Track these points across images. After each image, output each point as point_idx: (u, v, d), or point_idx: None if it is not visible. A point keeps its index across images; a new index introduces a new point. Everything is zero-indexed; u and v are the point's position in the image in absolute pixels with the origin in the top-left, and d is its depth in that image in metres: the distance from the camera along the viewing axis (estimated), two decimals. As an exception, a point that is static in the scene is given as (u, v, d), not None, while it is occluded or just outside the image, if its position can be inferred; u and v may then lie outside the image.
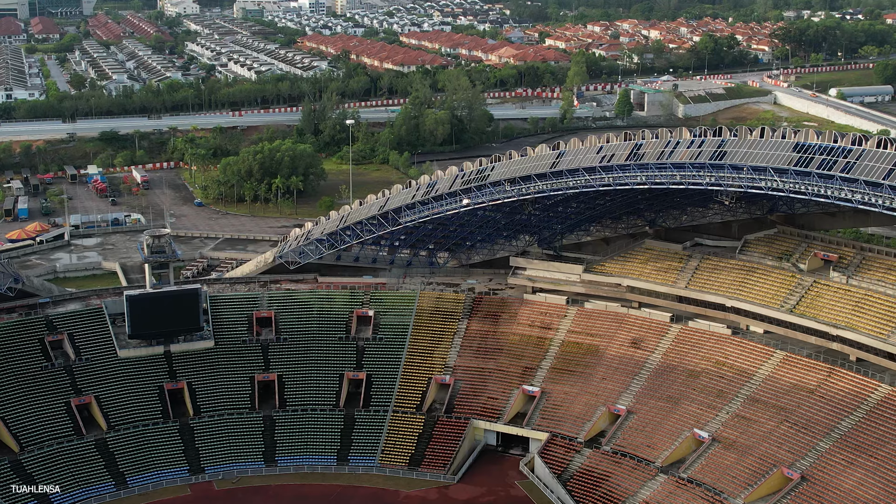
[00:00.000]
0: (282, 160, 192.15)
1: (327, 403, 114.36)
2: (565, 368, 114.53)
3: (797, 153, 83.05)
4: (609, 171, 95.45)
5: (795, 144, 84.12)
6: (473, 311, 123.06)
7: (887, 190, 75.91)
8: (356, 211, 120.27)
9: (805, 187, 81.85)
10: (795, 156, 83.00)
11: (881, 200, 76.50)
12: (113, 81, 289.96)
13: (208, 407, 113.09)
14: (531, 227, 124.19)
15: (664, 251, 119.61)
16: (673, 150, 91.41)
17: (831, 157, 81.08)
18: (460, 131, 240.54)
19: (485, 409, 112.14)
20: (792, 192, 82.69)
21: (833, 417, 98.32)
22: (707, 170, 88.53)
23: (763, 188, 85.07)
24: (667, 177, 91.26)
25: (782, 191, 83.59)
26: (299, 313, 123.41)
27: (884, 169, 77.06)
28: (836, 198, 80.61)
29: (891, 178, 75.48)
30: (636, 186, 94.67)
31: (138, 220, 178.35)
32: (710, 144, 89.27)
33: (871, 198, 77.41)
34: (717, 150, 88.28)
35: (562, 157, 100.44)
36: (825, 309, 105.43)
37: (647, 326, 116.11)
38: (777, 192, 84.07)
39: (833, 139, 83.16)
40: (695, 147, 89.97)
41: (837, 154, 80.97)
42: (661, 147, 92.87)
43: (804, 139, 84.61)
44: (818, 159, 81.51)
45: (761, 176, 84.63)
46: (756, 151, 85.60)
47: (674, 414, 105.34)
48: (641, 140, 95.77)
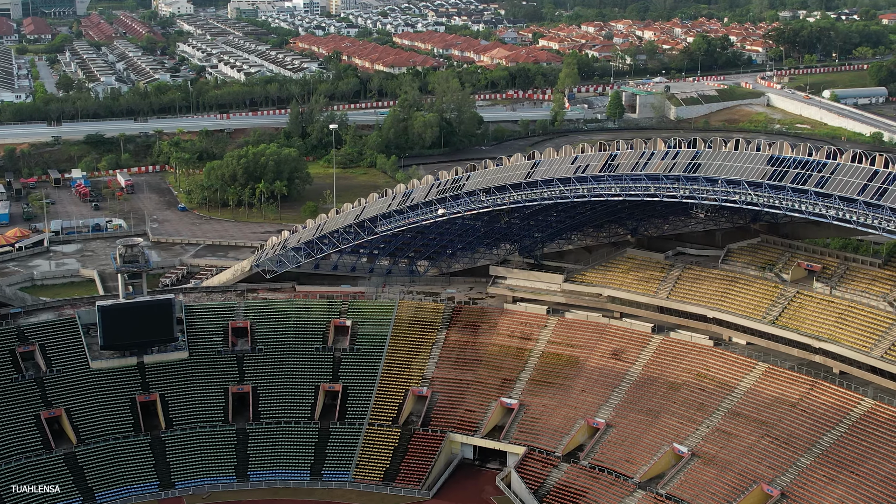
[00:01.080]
0: (266, 164, 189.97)
1: (302, 416, 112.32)
2: (544, 380, 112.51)
3: (771, 166, 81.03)
4: (584, 183, 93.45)
5: (770, 157, 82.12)
6: (453, 321, 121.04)
7: (861, 206, 73.94)
8: (332, 220, 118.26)
9: (779, 202, 79.87)
10: (770, 169, 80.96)
11: (855, 217, 74.53)
12: (100, 83, 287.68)
13: (181, 420, 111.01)
14: (512, 235, 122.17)
15: (646, 260, 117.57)
16: (647, 161, 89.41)
17: (806, 170, 79.06)
18: (449, 134, 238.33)
19: (462, 422, 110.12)
20: (766, 206, 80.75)
21: (815, 432, 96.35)
22: (682, 182, 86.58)
23: (738, 202, 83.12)
24: (641, 189, 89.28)
25: (757, 205, 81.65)
26: (276, 323, 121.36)
27: (858, 184, 75.03)
28: (811, 213, 78.66)
29: (865, 193, 73.52)
30: (611, 198, 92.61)
31: (119, 225, 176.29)
32: (684, 156, 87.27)
33: (845, 213, 75.45)
34: (691, 163, 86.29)
35: (537, 167, 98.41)
36: (808, 321, 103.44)
37: (628, 337, 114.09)
38: (752, 206, 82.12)
39: (808, 152, 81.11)
40: (669, 158, 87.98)
41: (812, 168, 78.94)
42: (635, 158, 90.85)
43: (779, 152, 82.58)
44: (792, 173, 79.48)
45: (736, 189, 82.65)
46: (730, 164, 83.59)
47: (653, 428, 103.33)
48: (616, 151, 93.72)
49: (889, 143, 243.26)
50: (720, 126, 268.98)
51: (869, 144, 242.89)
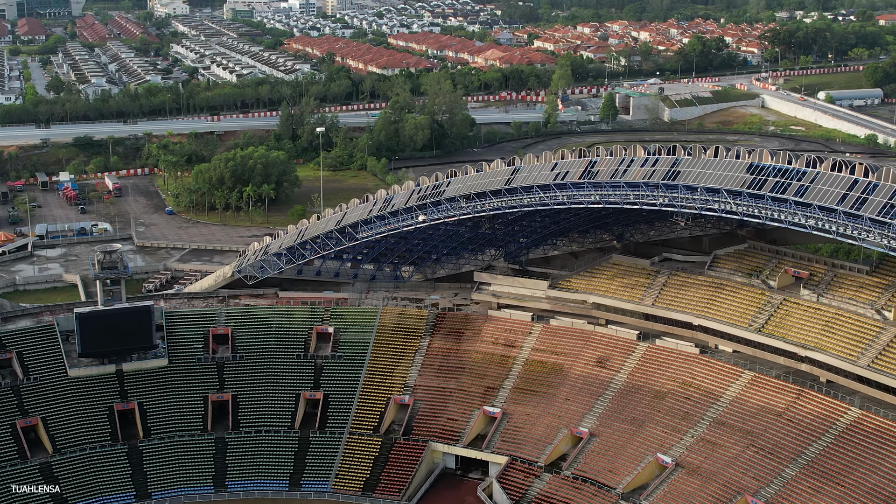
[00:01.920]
0: (254, 167, 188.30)
1: (282, 425, 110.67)
2: (528, 388, 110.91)
3: (751, 174, 79.40)
4: (563, 189, 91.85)
5: (749, 165, 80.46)
6: (436, 328, 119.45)
7: (841, 216, 72.34)
8: (314, 226, 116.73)
9: (759, 210, 78.29)
10: (749, 177, 79.34)
11: (835, 227, 72.97)
12: (91, 85, 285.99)
13: (159, 429, 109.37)
14: (497, 240, 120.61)
15: (632, 266, 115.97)
16: (627, 168, 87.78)
17: (785, 179, 77.41)
18: (441, 136, 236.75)
19: (444, 431, 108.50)
20: (746, 215, 79.15)
21: (800, 442, 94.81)
22: (661, 190, 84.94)
23: (717, 210, 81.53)
24: (621, 196, 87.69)
25: (736, 213, 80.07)
26: (257, 330, 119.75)
27: (837, 194, 73.44)
28: (791, 223, 77.05)
29: (844, 203, 71.91)
30: (590, 205, 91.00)
31: (105, 229, 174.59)
32: (663, 163, 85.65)
33: (825, 223, 73.85)
34: (670, 170, 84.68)
35: (517, 173, 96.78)
36: (794, 328, 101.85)
37: (613, 344, 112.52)
38: (731, 214, 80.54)
39: (787, 160, 79.42)
40: (648, 166, 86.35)
41: (791, 176, 77.30)
42: (615, 165, 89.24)
43: (758, 159, 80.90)
44: (772, 181, 77.85)
45: (715, 198, 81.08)
46: (709, 172, 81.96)
47: (637, 437, 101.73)
48: (596, 157, 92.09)
49: (884, 145, 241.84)
50: (714, 128, 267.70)
51: (863, 146, 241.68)
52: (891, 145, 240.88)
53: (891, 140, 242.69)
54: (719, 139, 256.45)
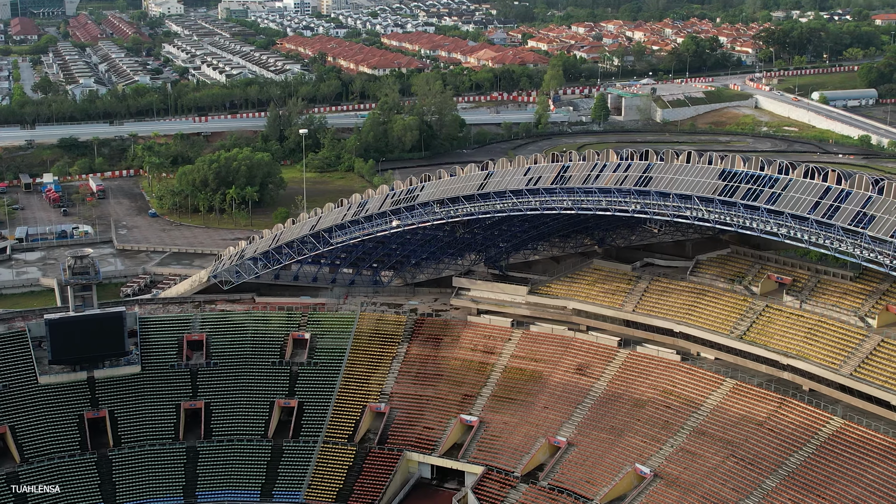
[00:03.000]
0: (238, 169, 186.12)
1: (255, 433, 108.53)
2: (506, 396, 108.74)
3: (723, 181, 77.27)
4: (536, 195, 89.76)
5: (722, 171, 78.30)
6: (414, 334, 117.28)
7: (813, 225, 70.19)
8: (289, 230, 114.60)
9: (731, 218, 76.17)
10: (721, 184, 77.20)
11: (807, 236, 70.85)
12: (79, 85, 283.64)
13: (129, 437, 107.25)
14: (476, 245, 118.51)
15: (613, 272, 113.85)
16: (599, 173, 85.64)
17: (757, 186, 75.26)
18: (430, 137, 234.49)
19: (419, 440, 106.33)
20: (718, 223, 77.02)
21: (781, 452, 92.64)
22: (633, 196, 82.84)
23: (689, 217, 79.43)
24: (593, 202, 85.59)
25: (708, 221, 77.92)
26: (232, 336, 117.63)
27: (810, 201, 71.32)
28: (763, 231, 74.93)
29: (816, 211, 69.76)
30: (563, 211, 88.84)
31: (86, 232, 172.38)
32: (635, 169, 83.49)
33: (797, 232, 71.73)
34: (642, 176, 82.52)
35: (490, 178, 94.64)
36: (776, 336, 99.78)
37: (593, 351, 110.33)
38: (703, 222, 78.41)
39: (760, 167, 77.25)
40: (620, 171, 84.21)
41: (763, 183, 75.17)
42: (587, 170, 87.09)
43: (731, 165, 78.72)
44: (744, 188, 75.73)
45: (687, 204, 78.95)
46: (681, 178, 79.80)
47: (616, 447, 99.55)
48: (569, 162, 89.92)
49: (877, 146, 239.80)
50: (707, 129, 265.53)
51: (857, 147, 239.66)
52: (884, 146, 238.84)
53: (884, 141, 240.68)
54: (712, 140, 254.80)
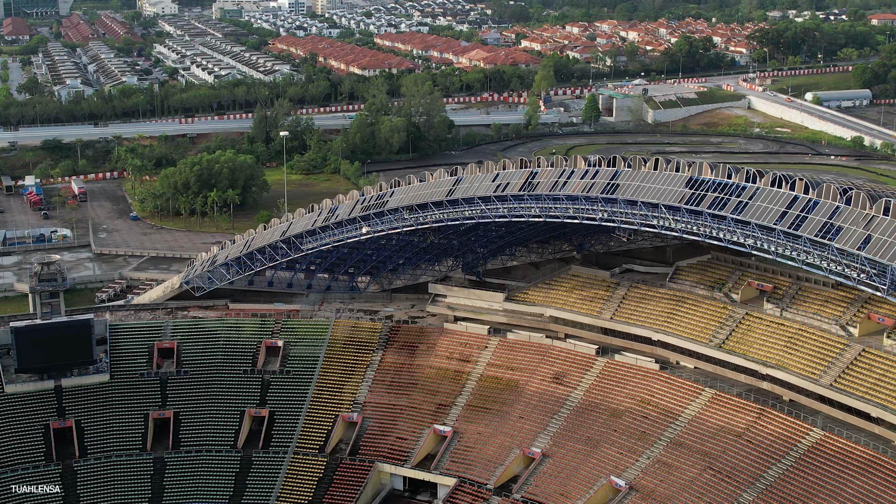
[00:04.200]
0: (220, 172, 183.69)
1: (224, 444, 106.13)
2: (481, 406, 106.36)
3: (690, 189, 74.85)
4: (504, 202, 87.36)
5: (689, 179, 75.88)
6: (390, 342, 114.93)
7: (780, 235, 67.77)
8: (260, 236, 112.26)
9: (698, 228, 73.75)
10: (688, 192, 74.78)
11: (773, 247, 68.42)
12: (65, 86, 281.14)
13: (96, 448, 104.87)
14: (453, 250, 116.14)
15: (591, 278, 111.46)
16: (567, 180, 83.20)
17: (724, 194, 72.83)
18: (418, 139, 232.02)
19: (392, 451, 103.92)
20: (685, 232, 74.60)
21: (759, 465, 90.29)
22: (601, 204, 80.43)
23: (656, 226, 77.00)
24: (561, 210, 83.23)
25: (675, 230, 75.50)
26: (204, 344, 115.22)
27: (776, 211, 68.87)
28: (730, 241, 72.51)
29: (783, 221, 67.32)
30: (531, 219, 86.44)
31: (65, 236, 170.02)
32: (602, 175, 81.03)
33: (763, 243, 69.29)
34: (609, 183, 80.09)
35: (458, 184, 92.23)
36: (756, 345, 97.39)
37: (571, 360, 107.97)
38: (670, 231, 75.98)
39: (727, 174, 74.83)
40: (588, 178, 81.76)
41: (730, 192, 72.74)
42: (554, 177, 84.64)
43: (698, 173, 76.31)
44: (710, 197, 73.28)
45: (654, 213, 76.53)
46: (648, 185, 77.38)
47: (592, 458, 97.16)
48: (537, 168, 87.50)
49: (870, 147, 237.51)
50: (698, 129, 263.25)
51: (849, 148, 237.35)
52: (877, 148, 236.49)
53: (877, 142, 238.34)
54: (703, 141, 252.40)
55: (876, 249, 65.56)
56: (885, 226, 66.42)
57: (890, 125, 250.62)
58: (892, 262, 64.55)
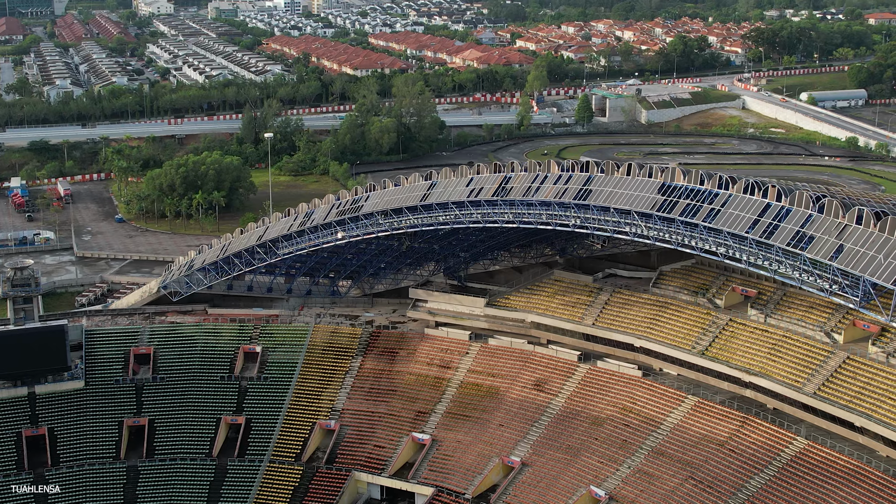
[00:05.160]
0: (206, 174, 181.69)
1: (199, 452, 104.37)
2: (461, 413, 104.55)
3: (662, 195, 72.95)
4: (478, 207, 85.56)
5: (661, 185, 73.97)
6: (369, 347, 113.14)
7: (751, 244, 65.86)
8: (237, 240, 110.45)
9: (670, 235, 71.84)
10: (660, 198, 72.87)
11: (745, 255, 66.53)
12: (54, 87, 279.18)
13: (68, 456, 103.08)
14: (435, 254, 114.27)
15: (573, 283, 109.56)
16: (540, 185, 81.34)
17: (696, 201, 70.92)
18: (408, 140, 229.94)
19: (369, 459, 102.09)
20: (658, 240, 72.69)
21: (742, 475, 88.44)
22: (573, 210, 78.54)
23: (629, 234, 75.11)
24: (534, 216, 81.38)
25: (647, 238, 73.58)
26: (181, 349, 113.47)
27: (748, 219, 66.95)
28: (702, 249, 70.61)
29: (755, 230, 65.40)
30: (505, 225, 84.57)
31: (48, 238, 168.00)
32: (575, 181, 79.14)
33: (735, 251, 67.39)
34: (582, 188, 78.19)
35: (433, 188, 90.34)
36: (739, 352, 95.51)
37: (552, 366, 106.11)
38: (643, 238, 74.08)
39: (699, 180, 72.88)
40: (561, 183, 79.85)
41: (702, 199, 70.81)
42: (528, 182, 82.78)
43: (670, 179, 74.37)
44: (682, 204, 71.39)
45: (626, 219, 74.67)
46: (621, 191, 75.45)
47: (572, 467, 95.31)
48: (511, 173, 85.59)
49: (864, 147, 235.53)
50: (692, 130, 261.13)
51: (844, 149, 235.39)
52: (871, 148, 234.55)
53: (872, 143, 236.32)
54: (696, 142, 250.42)
55: (848, 260, 63.67)
56: (857, 235, 64.58)
57: (885, 125, 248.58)
58: (864, 273, 62.67)
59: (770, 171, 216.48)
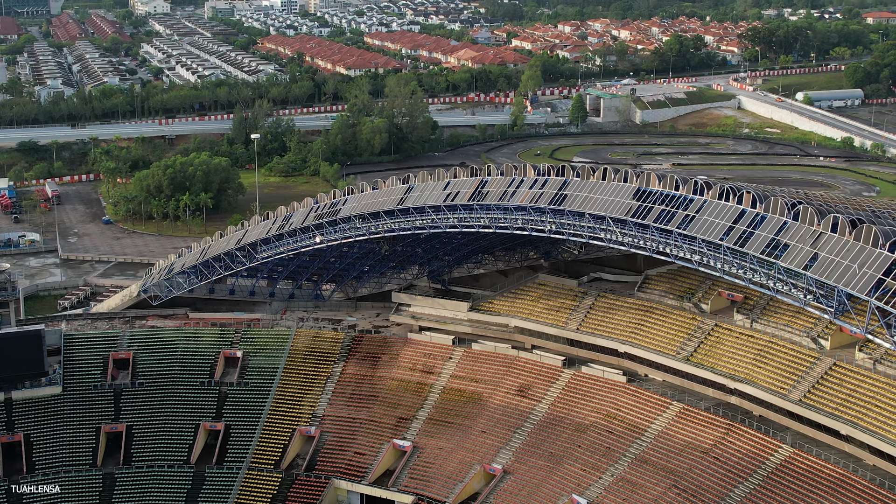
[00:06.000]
0: (194, 175, 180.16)
1: (178, 459, 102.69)
2: (443, 419, 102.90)
3: (637, 201, 71.23)
4: (454, 211, 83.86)
5: (637, 190, 72.23)
6: (352, 352, 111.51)
7: (726, 252, 64.16)
8: (216, 244, 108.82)
9: (645, 242, 70.14)
10: (635, 204, 71.17)
11: (720, 263, 64.81)
12: (46, 87, 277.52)
13: (44, 463, 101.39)
14: (418, 258, 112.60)
15: (558, 287, 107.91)
16: (516, 189, 79.67)
17: (671, 207, 69.20)
18: (400, 140, 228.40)
19: (349, 467, 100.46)
20: (633, 246, 71.00)
21: (726, 483, 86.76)
22: (548, 215, 76.86)
23: (605, 240, 73.42)
24: (510, 221, 79.73)
25: (623, 244, 71.90)
26: (161, 354, 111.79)
27: (723, 226, 65.25)
28: (677, 257, 68.94)
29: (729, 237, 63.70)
30: (482, 230, 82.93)
31: (33, 241, 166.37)
32: (551, 185, 77.41)
33: (710, 259, 65.70)
34: (557, 193, 76.45)
35: (410, 192, 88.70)
36: (724, 357, 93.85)
37: (536, 371, 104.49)
38: (618, 245, 72.39)
39: (674, 185, 71.17)
40: (536, 188, 78.17)
41: (677, 204, 69.10)
42: (504, 186, 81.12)
43: (645, 184, 72.66)
44: (657, 210, 69.68)
45: (601, 225, 73.01)
46: (596, 196, 73.76)
47: (554, 475, 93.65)
48: (487, 177, 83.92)
49: (860, 148, 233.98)
50: (687, 130, 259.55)
51: (839, 149, 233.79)
52: (867, 148, 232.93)
53: (867, 143, 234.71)
54: (691, 142, 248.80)
55: (822, 269, 61.97)
56: (832, 244, 62.84)
57: (881, 125, 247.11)
58: (839, 283, 60.97)
59: (764, 171, 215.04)
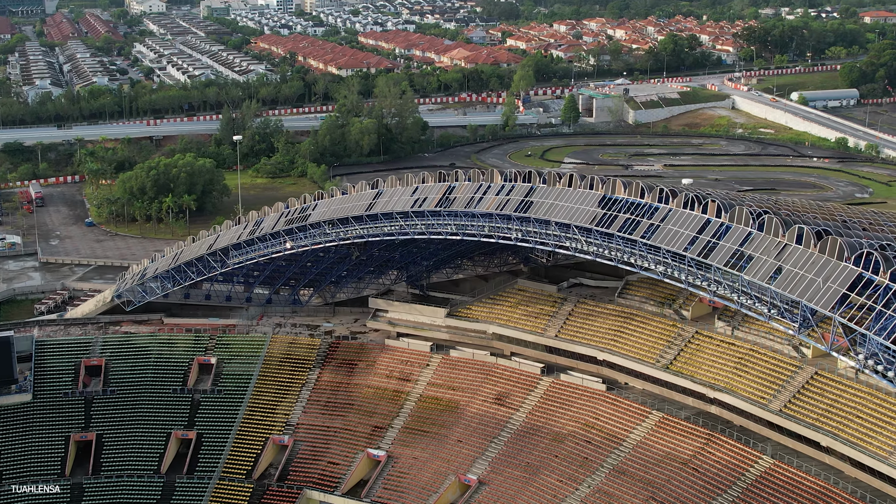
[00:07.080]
0: (178, 176, 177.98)
1: (148, 468, 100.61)
2: (419, 428, 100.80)
3: (602, 209, 69.18)
4: (422, 218, 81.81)
5: (602, 198, 70.15)
6: (328, 359, 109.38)
7: (690, 263, 62.00)
8: (188, 249, 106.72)
9: (610, 251, 68.03)
10: (600, 212, 69.10)
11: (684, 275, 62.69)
12: (34, 87, 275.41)
13: (10, 474, 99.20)
14: (395, 262, 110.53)
15: (537, 293, 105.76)
16: (482, 196, 77.58)
17: (635, 216, 67.12)
18: (390, 141, 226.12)
19: (322, 477, 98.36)
20: (598, 255, 68.91)
21: (705, 495, 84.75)
22: (514, 222, 74.77)
23: (570, 248, 71.32)
24: (477, 228, 77.65)
25: (588, 253, 69.81)
26: (133, 361, 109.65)
27: (687, 236, 63.15)
28: (642, 267, 66.79)
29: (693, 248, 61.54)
30: (449, 237, 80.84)
31: (13, 244, 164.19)
32: (517, 192, 75.29)
33: (674, 270, 63.56)
34: (523, 200, 74.38)
35: (378, 198, 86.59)
36: (704, 366, 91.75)
37: (514, 379, 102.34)
38: (584, 254, 70.29)
39: (639, 193, 68.99)
40: (503, 194, 76.05)
41: (642, 213, 67.00)
42: (471, 192, 79.02)
43: (610, 192, 70.50)
44: (622, 218, 67.58)
45: (567, 233, 70.90)
46: (562, 204, 71.67)
47: (530, 486, 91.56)
48: (455, 182, 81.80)
49: (854, 148, 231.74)
50: (680, 130, 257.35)
51: (833, 150, 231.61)
52: (861, 149, 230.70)
53: (861, 143, 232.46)
54: (684, 142, 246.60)
55: (786, 283, 59.79)
56: (796, 256, 60.60)
57: (875, 126, 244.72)
58: (802, 297, 58.78)
59: (757, 172, 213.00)
